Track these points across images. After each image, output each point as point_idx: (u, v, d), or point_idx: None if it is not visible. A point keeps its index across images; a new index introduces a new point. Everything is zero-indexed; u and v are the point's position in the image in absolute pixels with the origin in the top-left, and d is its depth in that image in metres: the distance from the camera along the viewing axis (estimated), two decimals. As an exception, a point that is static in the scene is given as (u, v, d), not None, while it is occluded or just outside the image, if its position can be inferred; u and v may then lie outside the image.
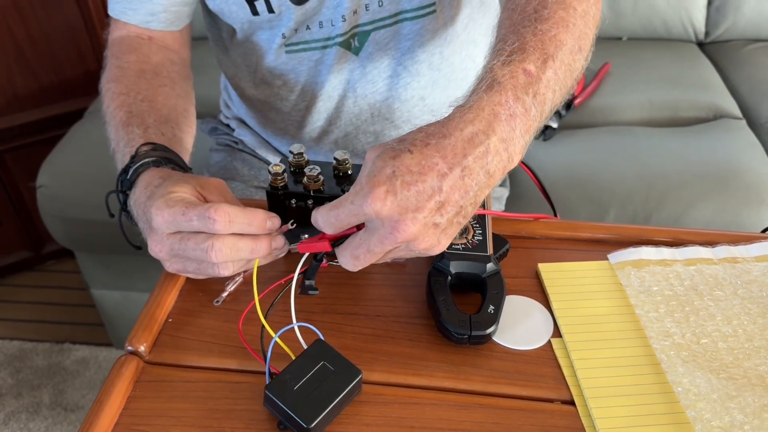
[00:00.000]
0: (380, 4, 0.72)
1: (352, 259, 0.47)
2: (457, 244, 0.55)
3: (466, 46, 0.80)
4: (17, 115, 1.53)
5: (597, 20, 0.59)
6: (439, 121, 0.46)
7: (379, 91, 0.78)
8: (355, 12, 0.72)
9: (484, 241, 0.56)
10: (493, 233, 0.57)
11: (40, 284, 1.70)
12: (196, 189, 0.53)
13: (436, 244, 0.46)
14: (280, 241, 0.53)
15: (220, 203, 0.50)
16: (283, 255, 0.56)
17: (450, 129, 0.45)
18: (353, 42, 0.74)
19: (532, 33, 0.52)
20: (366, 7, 0.72)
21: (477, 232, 0.56)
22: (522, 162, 0.55)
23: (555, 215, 0.66)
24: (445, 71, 0.79)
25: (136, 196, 0.56)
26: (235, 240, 0.50)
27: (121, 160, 0.61)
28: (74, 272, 1.63)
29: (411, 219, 0.43)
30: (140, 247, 0.60)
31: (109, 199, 0.62)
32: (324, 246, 0.51)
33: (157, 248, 0.53)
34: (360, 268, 0.48)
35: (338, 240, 0.50)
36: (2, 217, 1.61)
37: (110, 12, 0.74)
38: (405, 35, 0.75)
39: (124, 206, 0.59)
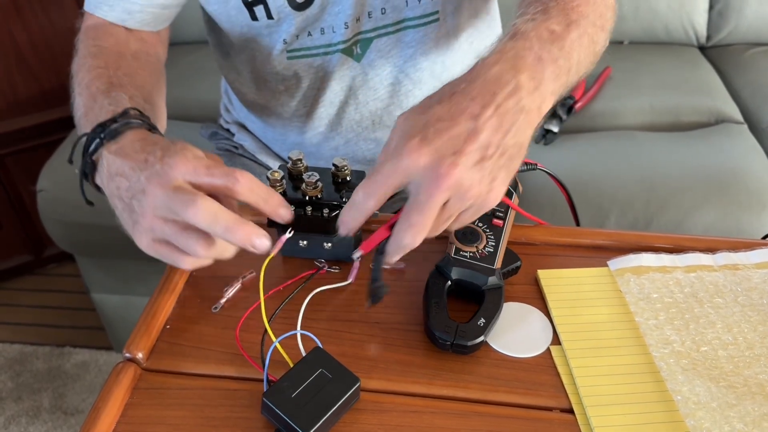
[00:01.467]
0: (383, 11, 0.72)
1: (408, 228, 0.44)
2: (465, 251, 0.55)
3: (469, 55, 0.80)
4: (18, 118, 1.53)
5: (615, 9, 0.60)
6: (463, 74, 0.46)
7: (380, 98, 0.78)
8: (357, 19, 0.72)
9: (494, 254, 0.55)
10: (507, 248, 0.56)
11: (40, 288, 1.71)
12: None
13: (488, 190, 0.44)
14: (264, 243, 0.47)
15: (245, 171, 0.48)
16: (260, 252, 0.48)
17: (474, 75, 0.45)
18: (355, 49, 0.74)
19: (555, 1, 0.52)
20: (369, 15, 0.72)
21: (489, 243, 0.55)
22: (548, 173, 0.57)
23: (578, 224, 0.66)
24: (446, 80, 0.79)
25: (123, 145, 0.51)
26: (218, 209, 0.45)
27: (95, 119, 0.55)
28: (75, 276, 1.64)
29: (451, 163, 0.42)
30: (92, 203, 0.57)
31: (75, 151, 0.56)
32: (383, 232, 0.48)
33: (156, 190, 0.46)
34: (419, 238, 0.45)
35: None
36: (3, 220, 1.61)
37: (86, 6, 0.71)
38: (407, 43, 0.75)
39: (92, 153, 0.53)
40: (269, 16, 0.71)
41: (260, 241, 0.46)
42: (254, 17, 0.72)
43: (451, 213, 0.45)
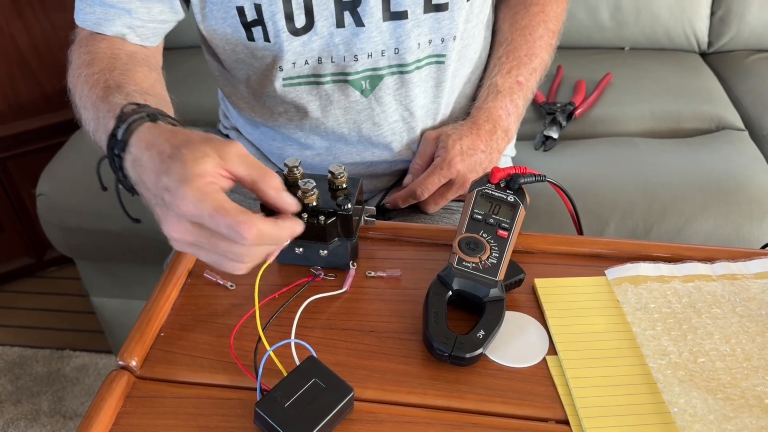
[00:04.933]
0: (396, 51, 0.72)
1: (441, 199, 0.77)
2: (468, 262, 0.54)
3: (461, 100, 0.83)
4: (20, 122, 1.53)
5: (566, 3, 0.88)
6: (471, 122, 0.77)
7: (383, 134, 0.79)
8: (369, 55, 0.72)
9: (497, 266, 0.55)
10: (511, 260, 0.56)
11: (41, 291, 1.70)
12: (219, 164, 0.47)
13: (476, 177, 0.70)
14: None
15: (252, 219, 0.46)
16: None
17: (477, 128, 0.77)
18: (364, 84, 0.75)
19: (526, 54, 0.81)
20: (382, 53, 0.72)
21: (493, 254, 0.55)
22: (555, 185, 0.62)
23: (581, 233, 0.66)
24: (437, 115, 0.81)
25: (134, 157, 0.50)
26: (259, 249, 0.48)
27: (105, 129, 0.55)
28: (75, 279, 1.63)
29: (471, 172, 0.75)
30: (139, 219, 0.56)
31: (101, 170, 0.56)
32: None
33: (176, 233, 0.47)
34: (432, 187, 0.75)
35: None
36: (4, 223, 1.62)
37: (81, 23, 0.70)
38: (415, 83, 0.76)
39: (120, 172, 0.53)
40: (266, 39, 0.70)
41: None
42: (251, 38, 0.71)
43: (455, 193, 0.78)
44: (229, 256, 0.47)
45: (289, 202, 0.49)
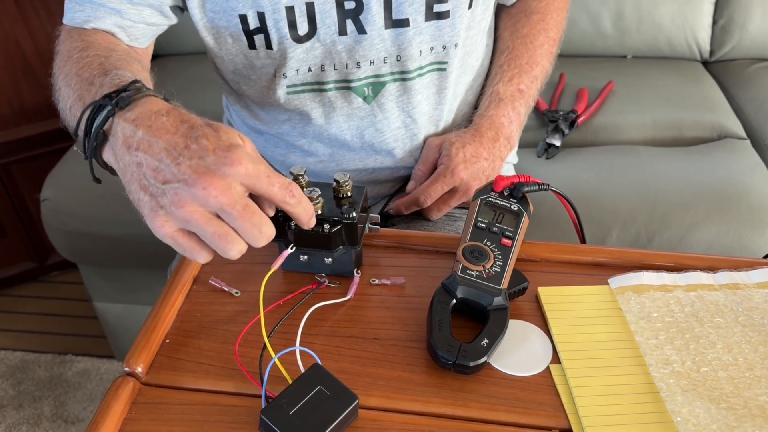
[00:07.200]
0: (398, 58, 0.73)
1: (444, 206, 0.77)
2: (472, 270, 0.55)
3: (463, 107, 0.84)
4: (24, 127, 1.54)
5: (566, 11, 0.89)
6: (473, 130, 0.78)
7: (386, 140, 0.79)
8: (372, 62, 0.73)
9: (501, 274, 0.55)
10: (514, 269, 0.56)
11: (43, 295, 1.71)
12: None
13: (479, 185, 0.75)
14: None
15: (294, 183, 0.49)
16: None
17: (480, 135, 0.77)
18: (366, 90, 0.75)
19: (527, 62, 0.81)
20: (384, 60, 0.73)
21: (497, 262, 0.55)
22: (558, 193, 0.62)
23: (584, 242, 0.66)
24: (439, 122, 0.82)
25: (140, 116, 0.48)
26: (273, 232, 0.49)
27: (97, 94, 0.52)
28: (78, 283, 1.64)
29: (475, 180, 0.76)
30: (100, 180, 0.54)
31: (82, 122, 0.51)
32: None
33: (210, 189, 0.44)
34: (435, 195, 0.76)
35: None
36: (8, 228, 1.62)
37: (69, 21, 0.68)
38: (417, 90, 0.77)
39: (102, 123, 0.50)
40: (268, 46, 0.71)
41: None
42: (252, 45, 0.71)
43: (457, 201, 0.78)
44: (249, 230, 0.46)
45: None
